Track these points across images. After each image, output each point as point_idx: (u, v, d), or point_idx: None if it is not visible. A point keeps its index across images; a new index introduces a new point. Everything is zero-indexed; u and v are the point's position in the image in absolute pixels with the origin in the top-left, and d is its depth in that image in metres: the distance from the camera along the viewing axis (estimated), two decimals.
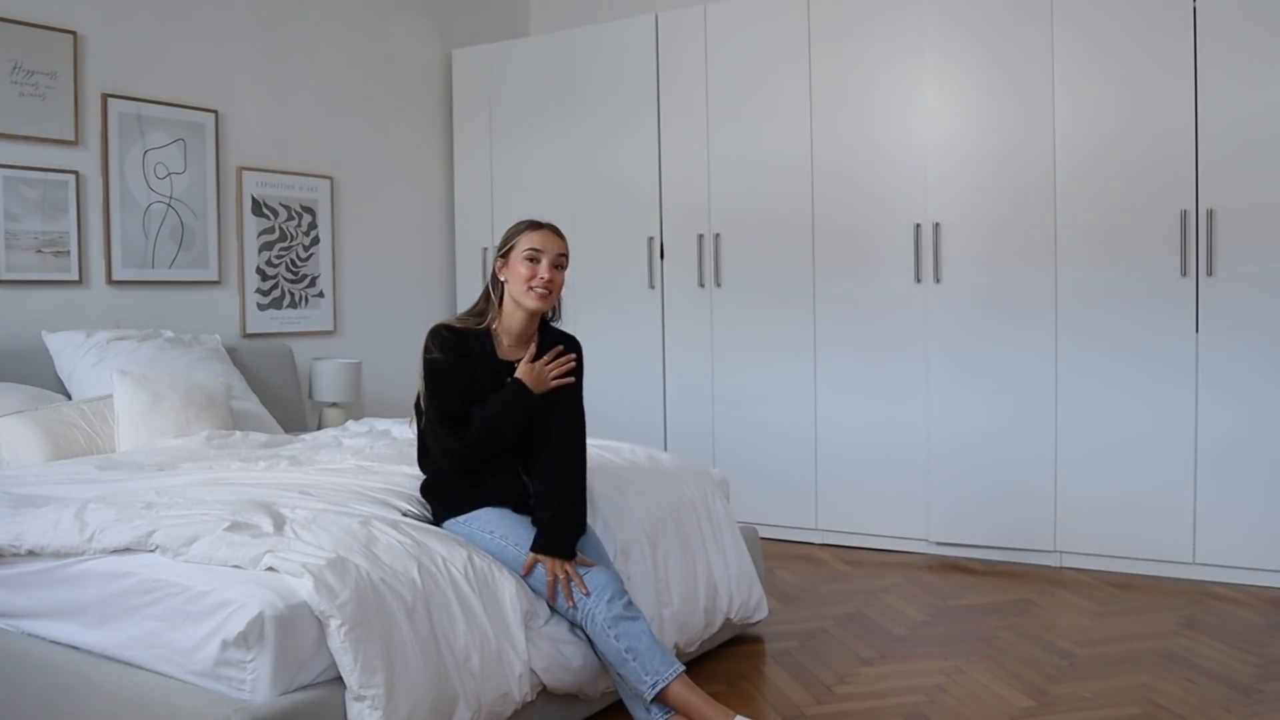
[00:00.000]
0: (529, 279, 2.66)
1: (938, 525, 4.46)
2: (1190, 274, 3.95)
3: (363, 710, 2.09)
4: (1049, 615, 3.65)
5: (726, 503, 3.39)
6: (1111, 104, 4.05)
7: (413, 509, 2.69)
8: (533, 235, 2.71)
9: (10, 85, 3.96)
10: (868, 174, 4.54)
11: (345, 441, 3.61)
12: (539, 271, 2.67)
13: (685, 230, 5.00)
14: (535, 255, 2.68)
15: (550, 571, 2.50)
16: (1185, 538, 4.01)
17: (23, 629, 2.44)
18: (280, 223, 4.95)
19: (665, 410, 5.11)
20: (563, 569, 2.51)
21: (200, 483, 2.82)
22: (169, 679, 2.15)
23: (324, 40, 5.15)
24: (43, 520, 2.45)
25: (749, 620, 3.33)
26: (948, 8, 4.32)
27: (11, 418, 3.42)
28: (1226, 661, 3.14)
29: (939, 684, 3.00)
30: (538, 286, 2.67)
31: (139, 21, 4.39)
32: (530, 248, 2.68)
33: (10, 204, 3.96)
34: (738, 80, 4.84)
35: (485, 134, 5.60)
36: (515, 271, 2.69)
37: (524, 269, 2.67)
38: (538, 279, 2.66)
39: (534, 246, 2.68)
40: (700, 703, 2.41)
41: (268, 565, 2.19)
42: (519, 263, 2.68)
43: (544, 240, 2.70)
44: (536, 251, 2.68)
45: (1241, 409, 3.90)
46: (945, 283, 4.39)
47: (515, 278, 2.69)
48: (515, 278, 2.69)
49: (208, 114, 4.63)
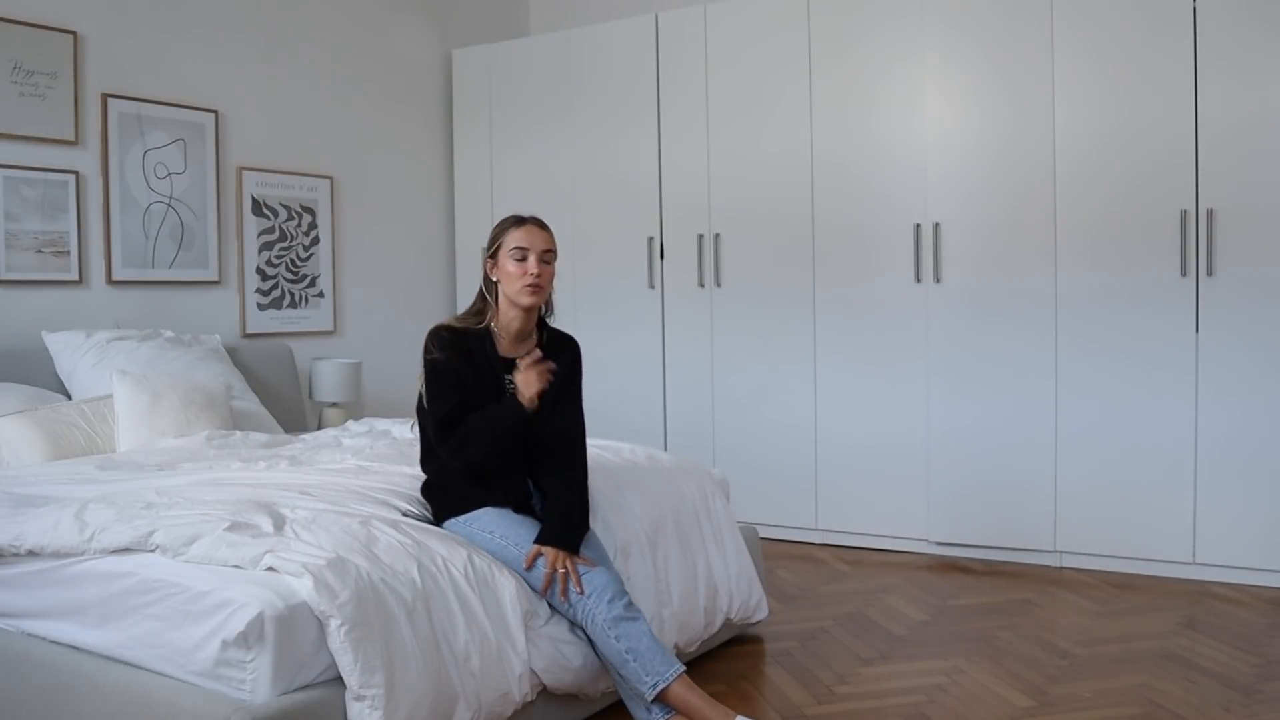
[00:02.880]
0: (519, 278, 2.67)
1: (938, 525, 4.46)
2: (1190, 274, 3.95)
3: (363, 710, 2.09)
4: (1049, 615, 3.65)
5: (726, 503, 3.39)
6: (1111, 104, 4.05)
7: (413, 509, 2.69)
8: (517, 233, 2.71)
9: (10, 85, 3.96)
10: (868, 174, 4.54)
11: (345, 441, 3.61)
12: (527, 269, 2.67)
13: (685, 230, 5.00)
14: (522, 253, 2.68)
15: (550, 564, 2.50)
16: (1185, 538, 4.01)
17: (23, 629, 2.44)
18: (280, 223, 4.95)
19: (665, 410, 5.11)
20: (564, 563, 2.52)
21: (200, 483, 2.82)
22: (169, 679, 2.15)
23: (324, 40, 5.16)
24: (43, 520, 2.45)
25: (749, 620, 3.33)
26: (947, 9, 4.32)
27: (11, 418, 3.42)
28: (1226, 661, 3.14)
29: (939, 684, 3.01)
30: (528, 283, 2.67)
31: (139, 22, 4.40)
32: (516, 245, 2.69)
33: (10, 204, 3.97)
34: (738, 80, 4.84)
35: (485, 134, 5.60)
36: (505, 271, 2.70)
37: (513, 267, 2.68)
38: (528, 277, 2.67)
39: (519, 244, 2.69)
40: (700, 703, 2.41)
41: (268, 565, 2.19)
42: (508, 261, 2.69)
43: (528, 236, 2.70)
44: (523, 250, 2.68)
45: (1242, 409, 3.90)
46: (945, 283, 4.39)
47: (506, 277, 2.70)
48: (506, 277, 2.70)
49: (208, 114, 4.64)
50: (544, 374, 2.61)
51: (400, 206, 5.56)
